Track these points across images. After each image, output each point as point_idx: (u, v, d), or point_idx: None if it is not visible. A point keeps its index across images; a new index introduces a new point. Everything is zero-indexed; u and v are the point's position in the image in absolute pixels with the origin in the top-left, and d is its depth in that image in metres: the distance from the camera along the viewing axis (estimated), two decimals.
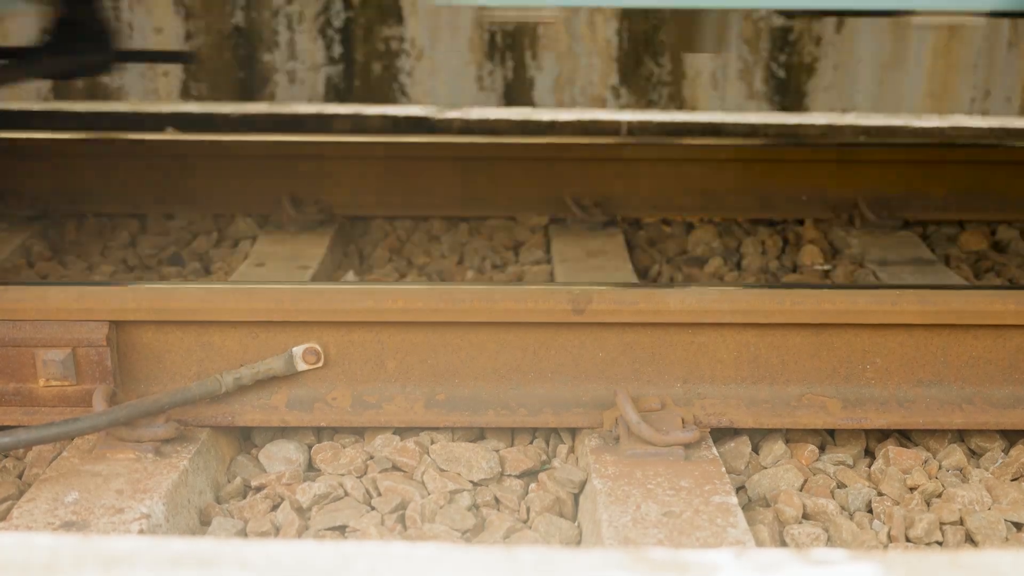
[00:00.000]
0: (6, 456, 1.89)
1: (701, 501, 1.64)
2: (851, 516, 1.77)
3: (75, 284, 1.89)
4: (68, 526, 1.58)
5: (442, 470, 1.82)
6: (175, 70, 4.50)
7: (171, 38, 4.48)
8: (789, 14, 4.46)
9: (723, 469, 1.75)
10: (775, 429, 1.95)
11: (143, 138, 3.34)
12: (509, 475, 1.84)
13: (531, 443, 1.95)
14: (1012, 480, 1.85)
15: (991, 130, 4.17)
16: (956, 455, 1.90)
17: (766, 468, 1.87)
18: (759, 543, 1.64)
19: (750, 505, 1.78)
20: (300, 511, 1.72)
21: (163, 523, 1.63)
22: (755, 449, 1.93)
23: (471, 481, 1.80)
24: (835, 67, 4.58)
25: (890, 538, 1.68)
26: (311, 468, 1.89)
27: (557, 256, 2.95)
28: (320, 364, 1.89)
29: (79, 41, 3.23)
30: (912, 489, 1.81)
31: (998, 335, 1.91)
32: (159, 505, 1.64)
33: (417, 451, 1.85)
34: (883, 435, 1.99)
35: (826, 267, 2.96)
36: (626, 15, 4.48)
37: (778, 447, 1.91)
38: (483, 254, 3.02)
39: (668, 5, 2.45)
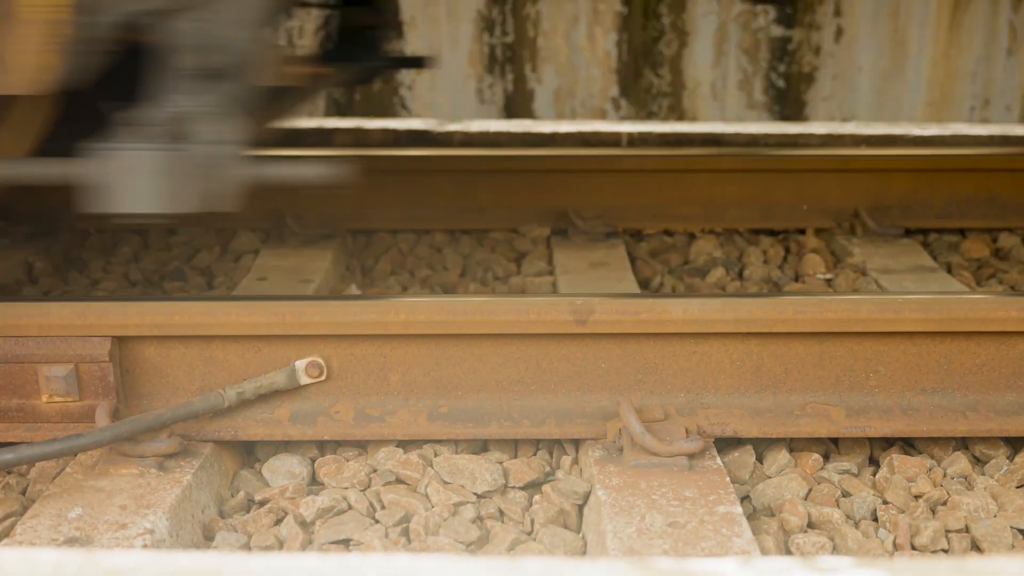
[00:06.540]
0: (9, 472, 1.88)
1: (706, 511, 1.64)
2: (856, 524, 1.76)
3: (78, 300, 1.89)
4: (72, 542, 1.58)
5: (446, 482, 1.81)
6: None
7: None
8: (788, 23, 4.47)
9: (727, 479, 1.74)
10: (779, 438, 1.94)
11: None
12: (513, 487, 1.84)
13: (534, 455, 1.95)
14: (1017, 487, 1.85)
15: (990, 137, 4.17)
16: (961, 462, 1.90)
17: (770, 477, 1.87)
18: (764, 552, 1.64)
19: (755, 515, 1.78)
20: (304, 525, 1.72)
21: (167, 538, 1.63)
22: (759, 458, 1.93)
23: (475, 493, 1.80)
24: (835, 76, 4.59)
25: (896, 546, 1.68)
26: (314, 482, 1.89)
27: (559, 267, 2.95)
28: (323, 377, 1.89)
29: (359, 48, 3.17)
30: (917, 497, 1.81)
31: (1001, 342, 1.91)
32: (163, 520, 1.63)
33: (420, 464, 1.85)
34: (887, 443, 1.99)
35: (828, 276, 2.96)
36: (625, 26, 4.50)
37: (782, 456, 1.90)
38: (485, 266, 3.02)
39: None
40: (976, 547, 1.70)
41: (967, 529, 1.72)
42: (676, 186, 3.28)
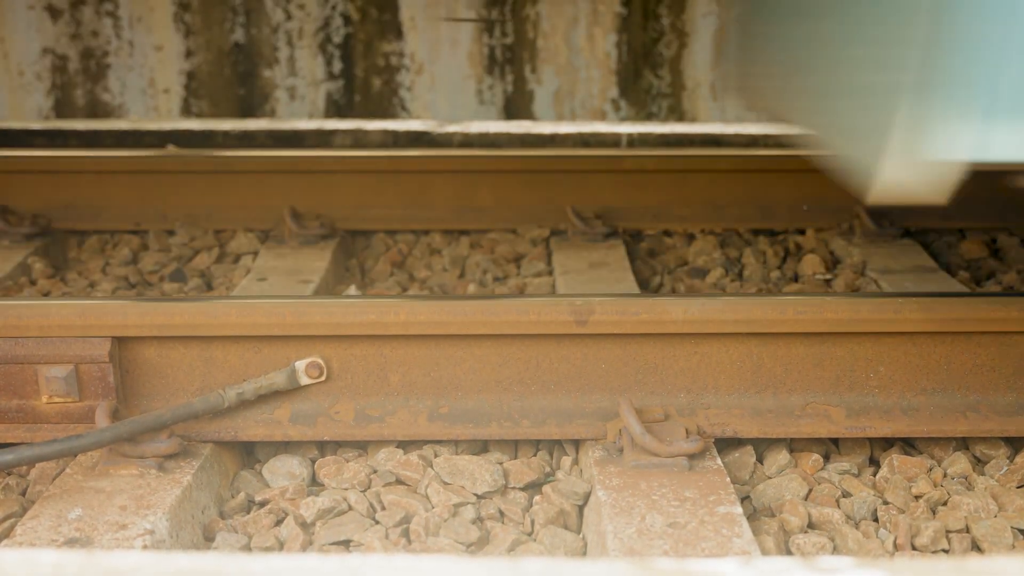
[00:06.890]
0: (9, 473, 1.88)
1: (706, 511, 1.64)
2: (856, 525, 1.76)
3: (77, 300, 1.89)
4: (72, 543, 1.58)
5: (446, 483, 1.81)
6: (176, 88, 4.52)
7: (171, 55, 4.49)
8: None
9: (728, 479, 1.74)
10: (779, 439, 1.94)
11: (144, 155, 3.35)
12: (513, 487, 1.83)
13: (535, 455, 1.95)
14: (1017, 487, 1.85)
15: None
16: (961, 463, 1.90)
17: (771, 478, 1.87)
18: (765, 553, 1.63)
19: (755, 515, 1.77)
20: (304, 526, 1.72)
21: (167, 539, 1.63)
22: (759, 459, 1.93)
23: (475, 494, 1.80)
24: None
25: (896, 547, 1.68)
26: (314, 483, 1.89)
27: (559, 268, 2.94)
28: (323, 378, 1.89)
29: None
30: (917, 497, 1.81)
31: (1001, 342, 1.91)
32: (163, 521, 1.63)
33: (421, 464, 1.85)
34: (887, 443, 1.99)
35: (827, 276, 2.96)
36: (624, 27, 4.50)
37: (782, 457, 1.90)
38: (484, 267, 3.02)
39: None
40: (976, 547, 1.70)
41: (967, 529, 1.72)
42: (676, 186, 3.27)
